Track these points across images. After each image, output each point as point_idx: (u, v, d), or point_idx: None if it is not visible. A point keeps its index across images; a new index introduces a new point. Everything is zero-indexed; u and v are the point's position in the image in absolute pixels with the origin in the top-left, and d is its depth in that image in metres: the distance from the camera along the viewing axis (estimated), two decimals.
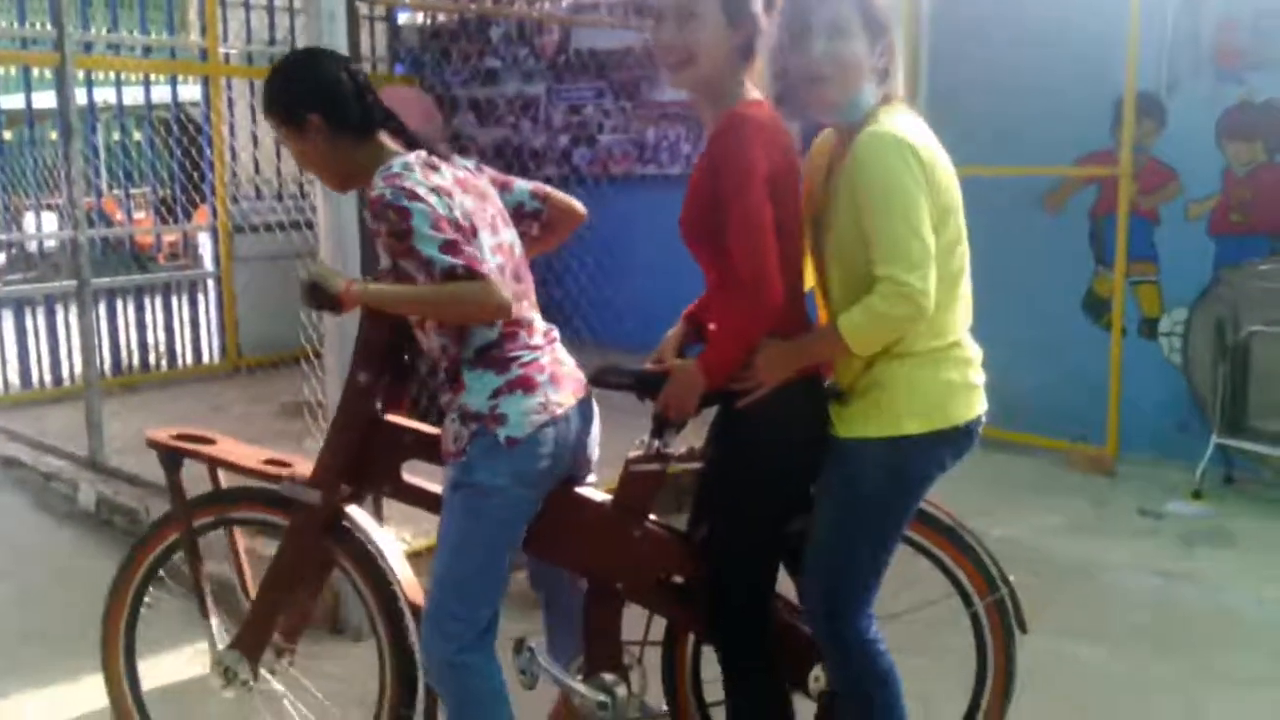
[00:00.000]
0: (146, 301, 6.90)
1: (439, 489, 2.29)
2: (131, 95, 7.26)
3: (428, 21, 8.16)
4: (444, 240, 2.05)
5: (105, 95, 7.42)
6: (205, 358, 7.17)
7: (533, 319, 2.30)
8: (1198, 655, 3.38)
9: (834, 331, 2.06)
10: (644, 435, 2.29)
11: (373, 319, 2.28)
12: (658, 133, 7.09)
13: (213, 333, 7.21)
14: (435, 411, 2.33)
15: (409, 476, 2.41)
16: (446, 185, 2.18)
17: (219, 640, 2.51)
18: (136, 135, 8.87)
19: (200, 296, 7.20)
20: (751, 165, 2.04)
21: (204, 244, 8.13)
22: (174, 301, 7.02)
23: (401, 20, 8.20)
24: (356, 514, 2.45)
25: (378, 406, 2.35)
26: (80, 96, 5.87)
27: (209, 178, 6.99)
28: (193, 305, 7.12)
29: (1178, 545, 4.31)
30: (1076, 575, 3.99)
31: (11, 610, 3.83)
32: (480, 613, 2.21)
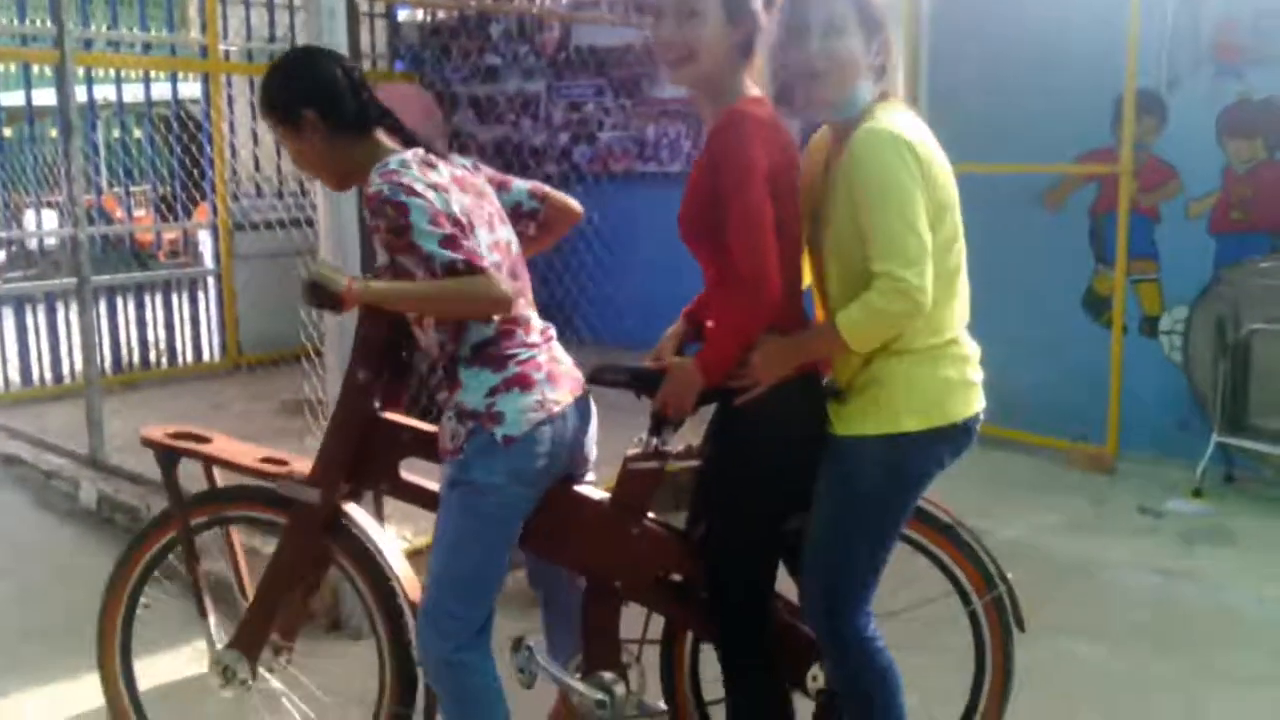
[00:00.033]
0: (147, 299, 6.90)
1: (437, 487, 2.29)
2: (131, 92, 7.26)
3: (428, 18, 8.16)
4: (443, 235, 2.05)
5: (105, 92, 7.41)
6: (206, 355, 7.17)
7: (530, 317, 2.30)
8: (1198, 654, 3.38)
9: (832, 328, 2.06)
10: (642, 433, 2.29)
11: (371, 316, 2.28)
12: (658, 130, 7.08)
13: (213, 330, 7.21)
14: (436, 409, 2.33)
15: (407, 474, 2.41)
16: (443, 182, 2.18)
17: (217, 639, 2.52)
18: (137, 132, 8.86)
19: (200, 294, 7.20)
20: (751, 162, 2.04)
21: (204, 241, 8.13)
22: (174, 299, 7.02)
23: (401, 17, 8.19)
24: (355, 512, 2.45)
25: (376, 404, 2.35)
26: (80, 94, 5.89)
27: (209, 175, 6.99)
28: (193, 303, 7.13)
29: (1178, 543, 4.30)
30: (1076, 573, 3.99)
31: (12, 608, 3.83)
32: (477, 611, 2.22)
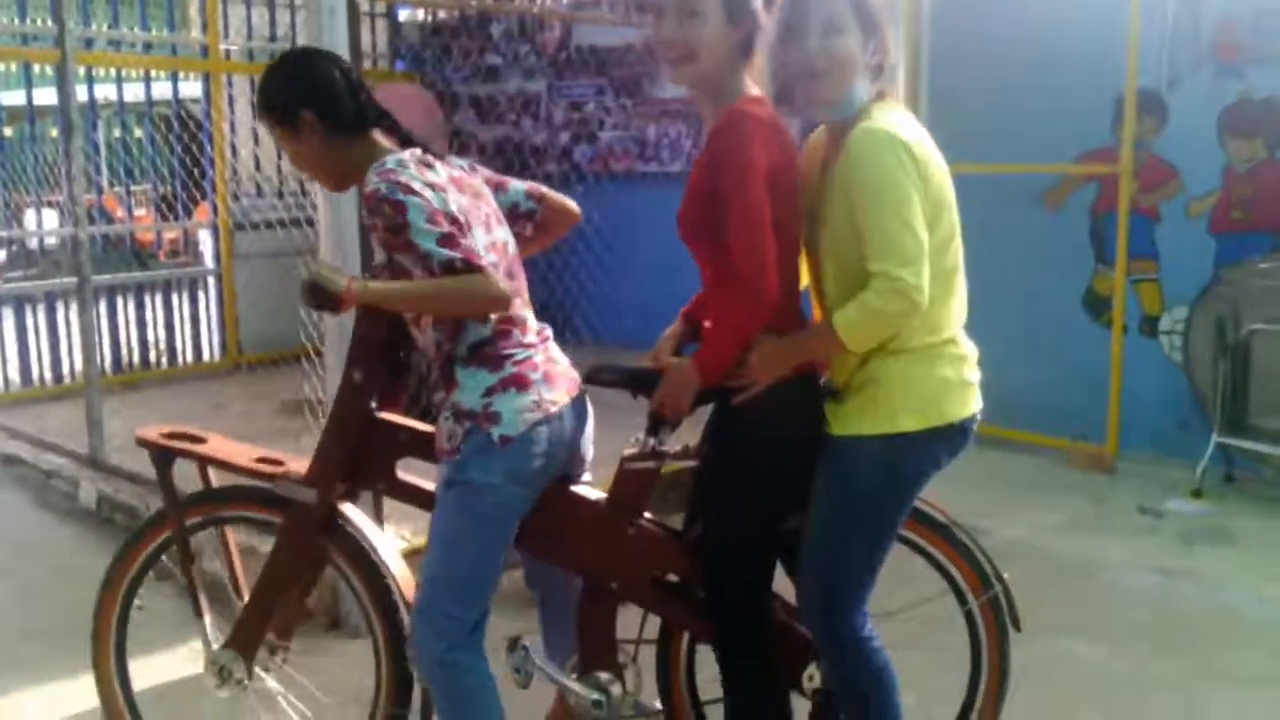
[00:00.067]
0: (147, 299, 6.91)
1: (433, 487, 2.29)
2: (132, 92, 7.27)
3: (429, 18, 8.16)
4: (441, 233, 2.04)
5: (106, 92, 7.42)
6: (206, 355, 7.17)
7: (526, 317, 2.30)
8: (1198, 653, 3.37)
9: (829, 328, 2.06)
10: (639, 433, 2.28)
11: (368, 316, 2.27)
12: (659, 130, 7.08)
13: (213, 330, 7.22)
14: (436, 410, 2.33)
15: (404, 474, 2.41)
16: (441, 182, 2.18)
17: (213, 639, 2.51)
18: (137, 132, 8.86)
19: (201, 294, 7.21)
20: (751, 162, 2.04)
21: (205, 241, 8.14)
22: (174, 299, 7.02)
23: (402, 17, 8.19)
24: (351, 512, 2.45)
25: (372, 404, 2.35)
26: (81, 93, 5.90)
27: (210, 174, 7.00)
28: (193, 302, 7.13)
29: (1178, 543, 4.30)
30: (1076, 573, 3.98)
31: (12, 608, 3.83)
32: (472, 610, 2.22)
